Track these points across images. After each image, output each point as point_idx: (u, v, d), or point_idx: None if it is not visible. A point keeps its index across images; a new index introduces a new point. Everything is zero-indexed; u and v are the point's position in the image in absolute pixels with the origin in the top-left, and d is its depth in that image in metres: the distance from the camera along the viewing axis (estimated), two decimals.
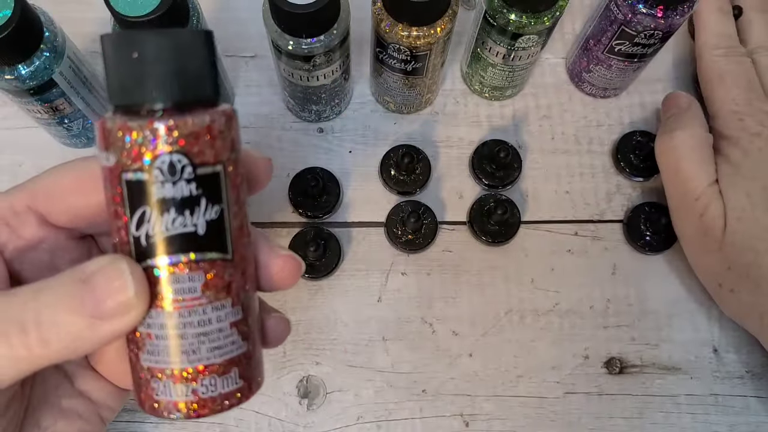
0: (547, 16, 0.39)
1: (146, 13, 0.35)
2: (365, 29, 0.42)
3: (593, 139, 0.48)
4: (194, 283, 0.23)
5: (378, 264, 0.45)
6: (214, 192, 0.23)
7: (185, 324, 0.23)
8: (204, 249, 0.23)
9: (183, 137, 0.22)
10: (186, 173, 0.22)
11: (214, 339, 0.23)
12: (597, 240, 0.46)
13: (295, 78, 0.41)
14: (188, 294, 0.23)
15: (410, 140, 0.47)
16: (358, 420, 0.42)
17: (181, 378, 0.23)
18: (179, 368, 0.23)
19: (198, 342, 0.23)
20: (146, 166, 0.22)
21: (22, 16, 0.35)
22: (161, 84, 0.22)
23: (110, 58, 0.23)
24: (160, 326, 0.23)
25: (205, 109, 0.23)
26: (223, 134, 0.23)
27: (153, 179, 0.22)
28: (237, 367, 0.24)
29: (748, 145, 0.40)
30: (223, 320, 0.23)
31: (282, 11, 0.35)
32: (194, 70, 0.23)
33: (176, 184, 0.22)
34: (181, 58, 0.22)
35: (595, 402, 0.43)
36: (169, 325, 0.23)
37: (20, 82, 0.38)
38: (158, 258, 0.23)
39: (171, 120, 0.22)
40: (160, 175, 0.22)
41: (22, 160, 0.47)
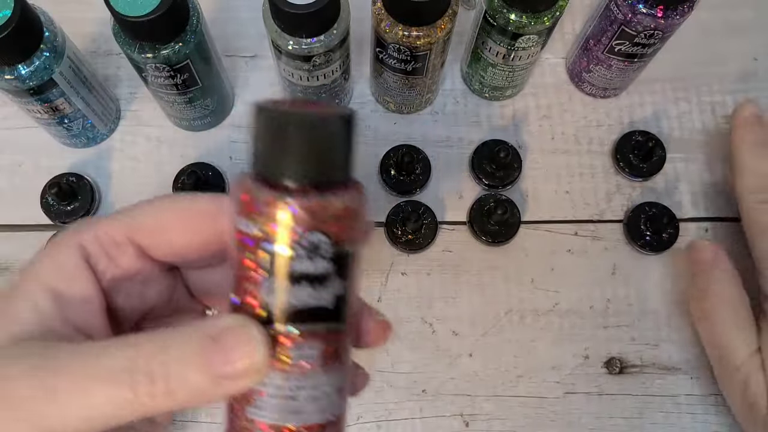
0: (547, 16, 0.39)
1: (146, 13, 0.35)
2: (365, 29, 0.42)
3: (593, 139, 0.48)
4: (314, 350, 0.24)
5: (378, 264, 0.45)
6: (344, 270, 0.24)
7: (300, 387, 0.24)
8: (328, 320, 0.24)
9: (325, 218, 0.23)
10: (323, 251, 0.23)
11: (321, 401, 0.25)
12: (597, 240, 0.46)
13: (295, 78, 0.41)
14: (308, 360, 0.24)
15: (410, 140, 0.47)
16: (358, 420, 0.42)
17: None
18: (283, 425, 0.24)
19: (307, 403, 0.24)
20: (289, 241, 0.23)
21: (22, 16, 0.35)
22: (307, 162, 0.23)
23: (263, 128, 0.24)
24: (276, 387, 0.24)
25: (343, 189, 0.24)
26: (358, 215, 0.24)
27: (294, 254, 0.23)
28: (334, 426, 0.25)
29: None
30: (333, 384, 0.25)
31: (282, 11, 0.35)
32: (338, 150, 0.24)
33: (313, 260, 0.23)
34: (328, 139, 0.24)
35: (595, 402, 0.43)
36: (285, 387, 0.24)
37: (20, 82, 0.38)
38: (286, 325, 0.24)
39: (315, 200, 0.23)
40: (301, 251, 0.23)
41: (22, 160, 0.47)
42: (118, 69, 0.49)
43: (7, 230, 0.45)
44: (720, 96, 0.49)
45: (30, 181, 0.46)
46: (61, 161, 0.47)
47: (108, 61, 0.49)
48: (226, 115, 0.48)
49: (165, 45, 0.38)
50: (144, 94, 0.48)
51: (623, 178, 0.47)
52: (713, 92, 0.49)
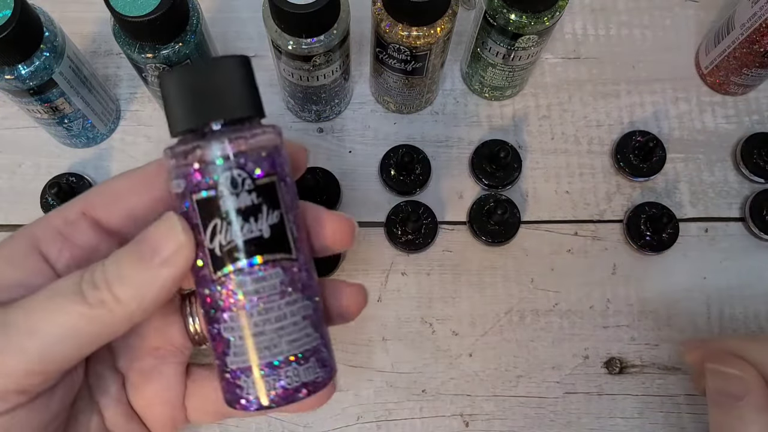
0: (547, 16, 0.39)
1: (146, 12, 0.35)
2: (365, 29, 0.42)
3: (593, 139, 0.48)
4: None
5: (378, 264, 0.45)
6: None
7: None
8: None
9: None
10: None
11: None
12: (597, 240, 0.46)
13: (295, 78, 0.41)
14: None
15: (410, 140, 0.47)
16: (358, 420, 0.42)
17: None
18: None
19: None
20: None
21: (22, 16, 0.35)
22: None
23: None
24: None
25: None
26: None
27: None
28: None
29: None
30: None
31: (282, 11, 0.35)
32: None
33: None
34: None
35: (595, 402, 0.43)
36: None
37: (20, 82, 0.38)
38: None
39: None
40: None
41: (21, 160, 0.47)
42: (118, 69, 0.49)
43: (7, 230, 0.45)
44: (720, 96, 0.49)
45: (30, 181, 0.46)
46: (61, 161, 0.47)
47: (108, 61, 0.49)
48: None
49: (165, 45, 0.38)
50: (144, 94, 0.48)
51: (623, 178, 0.47)
52: (713, 92, 0.49)
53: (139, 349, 0.30)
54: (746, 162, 0.47)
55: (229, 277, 0.25)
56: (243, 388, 0.26)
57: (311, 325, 0.26)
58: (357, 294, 0.29)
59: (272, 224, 0.25)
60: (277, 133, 0.26)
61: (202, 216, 0.25)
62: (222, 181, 0.25)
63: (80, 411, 0.29)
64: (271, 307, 0.25)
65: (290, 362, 0.25)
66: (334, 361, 0.28)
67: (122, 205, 0.28)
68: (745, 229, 0.46)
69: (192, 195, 0.25)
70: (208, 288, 0.26)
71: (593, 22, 0.51)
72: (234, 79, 0.25)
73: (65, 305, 0.24)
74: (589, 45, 0.51)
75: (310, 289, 0.27)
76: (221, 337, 0.26)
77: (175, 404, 0.30)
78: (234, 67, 0.26)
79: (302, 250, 0.26)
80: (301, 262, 0.26)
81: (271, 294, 0.25)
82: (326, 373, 0.26)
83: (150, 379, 0.30)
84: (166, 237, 0.25)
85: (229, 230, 0.25)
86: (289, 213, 0.26)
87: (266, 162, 0.25)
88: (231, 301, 0.25)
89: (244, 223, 0.25)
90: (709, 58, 0.48)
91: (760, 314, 0.45)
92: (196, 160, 0.25)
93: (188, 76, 0.25)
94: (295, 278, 0.26)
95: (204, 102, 0.25)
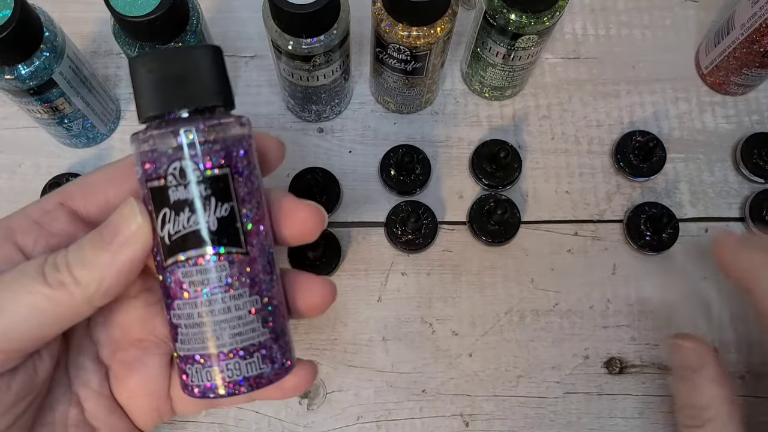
0: (547, 16, 0.39)
1: (146, 12, 0.35)
2: (365, 29, 0.42)
3: (593, 139, 0.48)
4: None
5: (378, 264, 0.45)
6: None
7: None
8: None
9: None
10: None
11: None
12: (597, 240, 0.46)
13: (295, 78, 0.41)
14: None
15: (410, 140, 0.47)
16: (358, 420, 0.42)
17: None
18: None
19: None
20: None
21: (22, 16, 0.35)
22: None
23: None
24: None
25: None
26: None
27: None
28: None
29: None
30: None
31: (282, 11, 0.35)
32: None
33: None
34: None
35: (595, 402, 0.43)
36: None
37: (20, 82, 0.38)
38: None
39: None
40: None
41: (21, 160, 0.47)
42: (118, 69, 0.49)
43: None
44: (720, 96, 0.49)
45: (30, 181, 0.46)
46: (61, 161, 0.47)
47: (108, 61, 0.49)
48: None
49: (165, 45, 0.38)
50: None
51: (623, 178, 0.47)
52: (713, 92, 0.49)
53: (122, 341, 0.30)
54: (746, 162, 0.47)
55: (176, 266, 0.25)
56: (188, 375, 0.26)
57: (259, 319, 0.26)
58: (323, 290, 0.29)
59: (220, 217, 0.25)
60: (240, 124, 0.26)
61: (154, 204, 0.25)
62: (170, 170, 0.25)
63: (57, 401, 0.29)
64: (215, 299, 0.25)
65: (231, 355, 0.25)
66: (290, 356, 0.27)
67: (99, 195, 0.29)
68: (746, 229, 0.46)
69: (146, 182, 0.26)
70: (162, 275, 0.26)
71: (593, 22, 0.51)
72: (201, 68, 0.25)
73: (28, 285, 0.25)
74: (589, 45, 0.51)
75: (263, 283, 0.26)
76: (172, 324, 0.26)
77: (160, 395, 0.31)
78: (202, 56, 0.26)
79: (257, 243, 0.26)
80: (254, 255, 0.26)
81: (215, 286, 0.25)
82: (273, 369, 0.26)
83: (133, 370, 0.30)
84: (125, 220, 0.25)
85: (176, 220, 0.25)
86: (244, 206, 0.26)
87: (220, 154, 0.25)
88: (178, 290, 0.26)
89: (191, 214, 0.25)
90: (709, 58, 0.48)
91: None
92: (150, 149, 0.25)
93: (157, 62, 0.25)
94: (244, 272, 0.26)
95: (168, 90, 0.25)
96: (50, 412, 0.29)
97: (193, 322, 0.26)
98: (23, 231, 0.28)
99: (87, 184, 0.29)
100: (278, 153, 0.30)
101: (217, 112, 0.26)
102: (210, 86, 0.26)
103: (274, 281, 0.27)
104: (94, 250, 0.25)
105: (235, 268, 0.25)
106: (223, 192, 0.25)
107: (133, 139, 0.26)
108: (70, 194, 0.29)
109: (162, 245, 0.26)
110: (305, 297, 0.29)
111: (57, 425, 0.29)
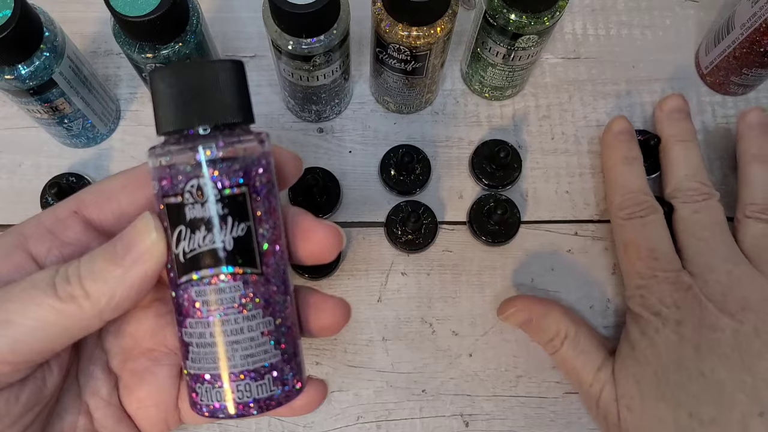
0: (547, 16, 0.39)
1: (146, 12, 0.35)
2: (365, 29, 0.42)
3: (594, 139, 0.48)
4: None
5: (378, 264, 0.45)
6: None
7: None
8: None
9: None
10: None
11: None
12: (597, 240, 0.46)
13: (295, 78, 0.41)
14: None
15: (410, 140, 0.47)
16: (357, 420, 0.42)
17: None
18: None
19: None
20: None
21: (22, 16, 0.35)
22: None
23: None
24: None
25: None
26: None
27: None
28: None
29: (645, 325, 0.38)
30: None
31: (282, 11, 0.35)
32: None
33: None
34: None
35: None
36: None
37: (20, 82, 0.38)
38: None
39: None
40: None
41: (21, 160, 0.47)
42: (118, 69, 0.49)
43: None
44: (720, 96, 0.49)
45: (30, 181, 0.46)
46: (61, 161, 0.47)
47: (108, 61, 0.49)
48: None
49: (165, 45, 0.38)
50: (144, 94, 0.48)
51: None
52: (713, 92, 0.49)
53: (132, 351, 0.30)
54: None
55: (190, 284, 0.25)
56: (198, 394, 0.26)
57: (272, 341, 0.26)
58: (335, 310, 0.29)
59: (237, 237, 0.25)
60: (260, 141, 0.26)
61: (170, 220, 0.25)
62: (188, 188, 0.24)
63: (66, 410, 0.29)
64: (227, 319, 0.25)
65: (243, 377, 0.25)
66: (301, 378, 0.27)
67: (114, 204, 0.28)
68: None
69: (163, 198, 0.25)
70: (175, 292, 0.26)
71: (593, 22, 0.51)
72: (222, 84, 0.25)
73: (38, 297, 0.24)
74: (589, 45, 0.51)
75: (277, 304, 0.26)
76: (183, 341, 0.26)
77: (168, 406, 0.30)
78: (223, 70, 0.25)
79: (272, 264, 0.26)
80: (269, 276, 0.26)
81: (229, 306, 0.25)
82: (284, 391, 0.26)
83: (143, 380, 0.30)
84: (140, 235, 0.25)
85: (192, 238, 0.25)
86: (261, 225, 0.25)
87: (239, 172, 0.25)
88: (190, 308, 0.25)
89: (207, 233, 0.24)
90: (709, 58, 0.48)
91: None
92: (167, 165, 0.25)
93: (178, 77, 0.25)
94: (258, 292, 0.25)
95: (188, 105, 0.25)
96: (59, 421, 0.29)
97: (204, 342, 0.25)
98: (36, 239, 0.27)
99: (101, 192, 0.28)
100: (296, 169, 0.30)
101: (237, 129, 0.25)
102: (231, 102, 0.25)
103: (288, 302, 0.27)
104: (106, 263, 0.25)
105: (249, 289, 0.25)
106: (241, 211, 0.25)
107: (150, 153, 0.25)
108: (84, 202, 0.28)
109: (176, 262, 0.25)
110: (318, 318, 0.29)
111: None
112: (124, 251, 0.25)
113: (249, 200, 0.25)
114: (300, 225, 0.28)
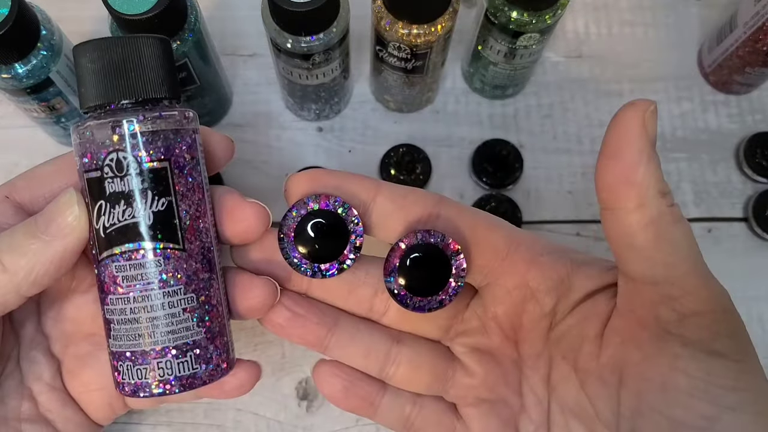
0: (549, 14, 0.39)
1: (144, 11, 0.35)
2: (365, 27, 0.42)
3: (596, 138, 0.48)
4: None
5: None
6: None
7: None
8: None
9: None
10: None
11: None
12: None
13: (294, 76, 0.41)
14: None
15: (410, 139, 0.47)
16: (357, 422, 0.42)
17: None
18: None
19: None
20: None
21: (19, 14, 0.35)
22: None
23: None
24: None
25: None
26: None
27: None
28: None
29: None
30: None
31: (281, 9, 0.35)
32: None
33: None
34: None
35: None
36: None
37: (17, 81, 0.37)
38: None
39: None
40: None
41: (18, 160, 0.46)
42: None
43: None
44: (722, 95, 0.49)
45: None
46: None
47: None
48: (224, 114, 0.48)
49: None
50: None
51: None
52: (716, 91, 0.49)
53: (73, 335, 0.30)
54: (749, 161, 0.46)
55: (111, 260, 0.25)
56: (120, 373, 0.26)
57: (195, 318, 0.26)
58: (263, 291, 0.28)
59: (157, 211, 0.25)
60: (184, 117, 0.26)
61: (91, 195, 0.25)
62: (107, 161, 0.24)
63: (9, 396, 0.29)
64: (147, 295, 0.25)
65: (164, 353, 0.25)
66: (227, 358, 0.27)
67: (46, 188, 0.28)
68: (748, 230, 0.46)
69: (84, 174, 0.25)
70: (97, 269, 0.26)
71: (595, 20, 0.51)
72: (145, 59, 0.25)
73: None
74: (591, 43, 0.50)
75: (201, 281, 0.26)
76: (105, 319, 0.26)
77: (112, 390, 0.30)
78: (147, 46, 0.25)
79: (195, 240, 0.26)
80: (192, 253, 0.25)
81: (149, 282, 0.25)
82: (207, 370, 0.26)
83: (86, 365, 0.30)
84: (62, 210, 0.25)
85: (111, 213, 0.25)
86: (183, 201, 0.25)
87: (160, 148, 0.25)
88: (111, 284, 0.25)
89: (127, 207, 0.24)
90: (712, 56, 0.48)
91: (763, 315, 0.45)
92: (89, 140, 0.25)
93: (101, 52, 0.25)
94: (180, 268, 0.25)
95: (110, 79, 0.25)
96: (2, 407, 0.29)
97: (125, 318, 0.25)
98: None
99: (33, 177, 0.29)
100: (226, 151, 0.29)
101: (161, 105, 0.25)
102: (154, 78, 0.25)
103: (213, 280, 0.27)
104: (26, 237, 0.25)
105: (170, 264, 0.25)
106: (162, 186, 0.25)
107: (73, 129, 0.25)
108: (15, 187, 0.28)
109: (97, 238, 0.25)
110: (245, 298, 0.28)
111: (9, 419, 0.29)
112: (45, 225, 0.25)
113: (171, 175, 0.25)
114: (225, 204, 0.28)
